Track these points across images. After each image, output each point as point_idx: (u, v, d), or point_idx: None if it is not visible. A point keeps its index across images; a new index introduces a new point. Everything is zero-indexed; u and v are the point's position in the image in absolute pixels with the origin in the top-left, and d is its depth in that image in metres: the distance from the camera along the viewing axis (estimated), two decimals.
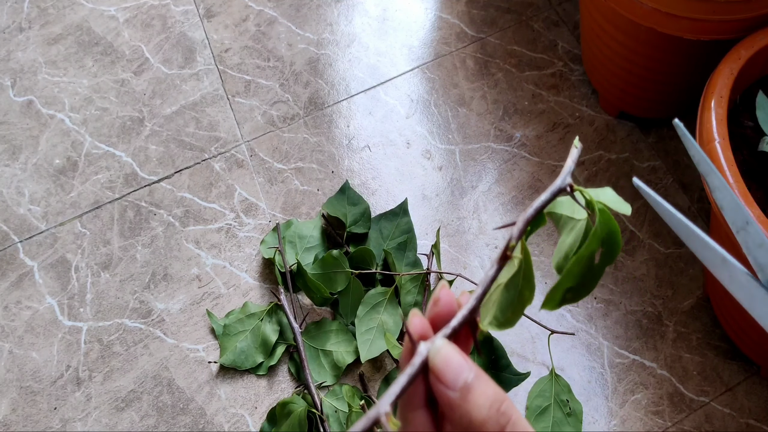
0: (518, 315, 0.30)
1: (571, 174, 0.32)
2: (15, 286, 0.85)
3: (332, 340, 0.79)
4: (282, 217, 0.88)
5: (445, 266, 0.85)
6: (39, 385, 0.79)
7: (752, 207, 0.59)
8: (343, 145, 0.93)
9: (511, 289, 0.31)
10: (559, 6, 1.04)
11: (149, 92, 0.98)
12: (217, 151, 0.93)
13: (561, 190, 0.31)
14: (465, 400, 0.27)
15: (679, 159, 0.91)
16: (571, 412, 0.74)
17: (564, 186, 0.31)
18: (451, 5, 1.05)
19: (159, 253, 0.86)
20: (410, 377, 0.27)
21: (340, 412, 0.74)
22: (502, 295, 0.31)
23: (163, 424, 0.77)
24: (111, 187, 0.91)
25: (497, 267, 0.30)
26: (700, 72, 0.77)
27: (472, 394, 0.27)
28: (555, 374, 0.76)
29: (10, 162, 0.93)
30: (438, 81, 0.98)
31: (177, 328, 0.82)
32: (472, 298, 0.29)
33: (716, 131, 0.64)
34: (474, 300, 0.29)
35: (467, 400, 0.27)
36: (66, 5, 1.05)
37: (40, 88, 0.98)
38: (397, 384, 0.27)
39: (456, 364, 0.27)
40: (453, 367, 0.27)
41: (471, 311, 0.29)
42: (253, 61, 1.00)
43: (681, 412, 0.76)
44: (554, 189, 0.31)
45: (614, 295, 0.83)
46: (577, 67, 0.98)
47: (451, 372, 0.27)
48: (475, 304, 0.29)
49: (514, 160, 0.92)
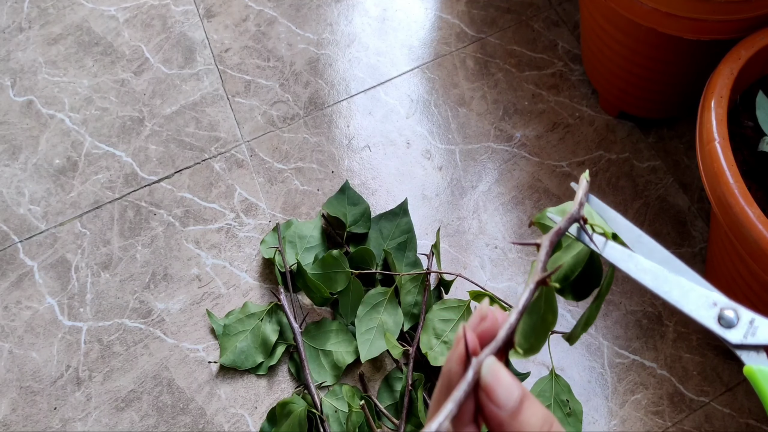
0: (542, 340, 0.31)
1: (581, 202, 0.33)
2: (15, 286, 0.85)
3: (332, 340, 0.79)
4: (282, 217, 0.88)
5: (445, 266, 0.85)
6: (39, 385, 0.79)
7: (752, 207, 0.59)
8: (343, 145, 0.93)
9: (533, 315, 0.31)
10: (559, 6, 1.04)
11: (149, 92, 0.98)
12: (217, 151, 0.93)
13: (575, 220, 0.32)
14: (515, 419, 0.27)
15: (679, 159, 0.91)
16: (571, 412, 0.74)
17: (578, 217, 0.32)
18: (451, 5, 1.05)
19: (159, 253, 0.86)
20: (466, 392, 0.28)
21: (340, 412, 0.74)
22: (524, 321, 0.31)
23: (163, 424, 0.77)
24: (111, 187, 0.91)
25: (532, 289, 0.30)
26: (700, 72, 0.77)
27: (523, 414, 0.27)
28: (555, 374, 0.76)
29: (10, 162, 0.93)
30: (438, 81, 0.98)
31: (177, 328, 0.82)
32: (511, 317, 0.30)
33: (716, 131, 0.64)
34: (514, 320, 0.30)
35: (517, 420, 0.27)
36: (66, 5, 1.05)
37: (40, 88, 0.98)
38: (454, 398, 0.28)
39: (507, 383, 0.28)
40: (504, 386, 0.28)
41: (511, 331, 0.30)
42: (253, 61, 1.00)
43: (681, 412, 0.76)
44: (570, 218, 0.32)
45: (614, 295, 0.83)
46: (577, 67, 0.98)
47: (502, 391, 0.28)
48: (514, 324, 0.30)
49: (514, 160, 0.92)
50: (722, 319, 0.31)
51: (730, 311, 0.31)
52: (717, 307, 0.31)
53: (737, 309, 0.31)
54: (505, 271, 0.85)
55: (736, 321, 0.31)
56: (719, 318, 0.31)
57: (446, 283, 0.81)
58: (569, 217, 0.32)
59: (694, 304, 0.31)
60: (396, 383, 0.77)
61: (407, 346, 0.77)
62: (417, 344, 0.77)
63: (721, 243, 0.69)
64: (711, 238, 0.77)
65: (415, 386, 0.74)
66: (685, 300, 0.31)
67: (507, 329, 0.29)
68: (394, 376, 0.78)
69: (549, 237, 0.31)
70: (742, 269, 0.65)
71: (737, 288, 0.68)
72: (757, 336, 0.30)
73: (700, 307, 0.31)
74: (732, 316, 0.31)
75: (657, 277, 0.32)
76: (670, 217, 0.87)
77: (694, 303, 0.31)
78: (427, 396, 0.75)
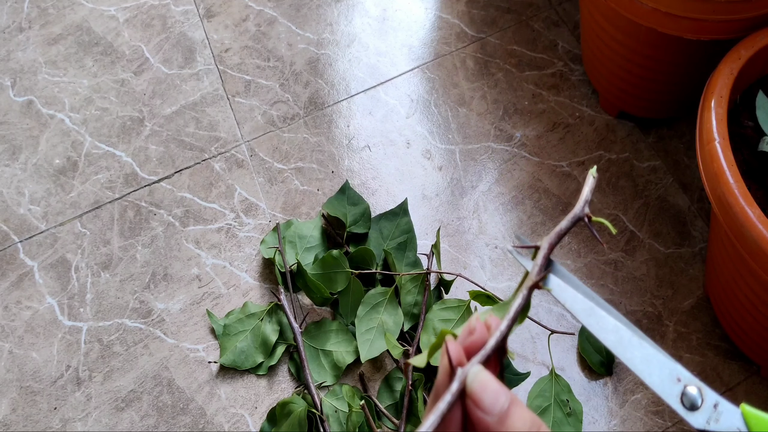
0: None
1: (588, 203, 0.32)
2: (15, 286, 0.85)
3: (332, 340, 0.79)
4: (282, 217, 0.88)
5: (445, 266, 0.85)
6: (39, 385, 0.79)
7: (752, 207, 0.59)
8: (343, 145, 0.93)
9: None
10: (559, 6, 1.04)
11: (149, 92, 0.98)
12: (217, 151, 0.93)
13: (579, 218, 0.31)
14: (503, 425, 0.28)
15: (679, 159, 0.91)
16: (571, 412, 0.74)
17: (582, 215, 0.31)
18: (451, 5, 1.05)
19: (159, 253, 0.86)
20: (449, 403, 0.28)
21: (340, 412, 0.74)
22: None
23: (163, 424, 0.77)
24: (111, 187, 0.91)
25: (526, 294, 0.30)
26: (700, 72, 0.77)
27: (510, 419, 0.28)
28: (555, 374, 0.76)
29: (10, 162, 0.93)
30: (438, 81, 0.98)
31: (177, 328, 0.82)
32: (502, 325, 0.30)
33: (716, 131, 0.64)
34: (505, 326, 0.30)
35: (505, 425, 0.28)
36: (66, 5, 1.05)
37: (40, 88, 0.98)
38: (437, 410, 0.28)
39: (493, 389, 0.28)
40: (490, 393, 0.28)
41: (502, 338, 0.30)
42: (253, 61, 1.00)
43: None
44: (573, 217, 0.31)
45: (614, 295, 0.83)
46: (577, 67, 0.98)
47: (489, 397, 0.28)
48: (505, 331, 0.30)
49: (514, 160, 0.92)
50: (685, 396, 0.29)
51: (693, 388, 0.29)
52: (681, 384, 0.29)
53: (701, 387, 0.29)
54: (505, 271, 0.85)
55: (700, 402, 0.29)
56: (682, 395, 0.29)
57: (446, 283, 0.81)
58: (573, 216, 0.32)
59: (658, 377, 0.30)
60: (396, 383, 0.77)
61: (407, 346, 0.77)
62: (417, 344, 0.77)
63: (721, 243, 0.69)
64: (711, 238, 0.77)
65: (415, 386, 0.74)
66: (648, 371, 0.30)
67: (497, 337, 0.30)
68: (394, 376, 0.78)
69: (549, 239, 0.31)
70: (742, 269, 0.65)
71: (737, 288, 0.68)
72: (721, 423, 0.29)
73: (663, 381, 0.29)
74: (695, 393, 0.29)
75: (621, 339, 0.30)
76: (670, 217, 0.87)
77: (658, 376, 0.30)
78: (427, 396, 0.75)
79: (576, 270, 0.84)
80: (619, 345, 0.30)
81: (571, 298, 0.31)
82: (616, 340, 0.30)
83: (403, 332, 0.79)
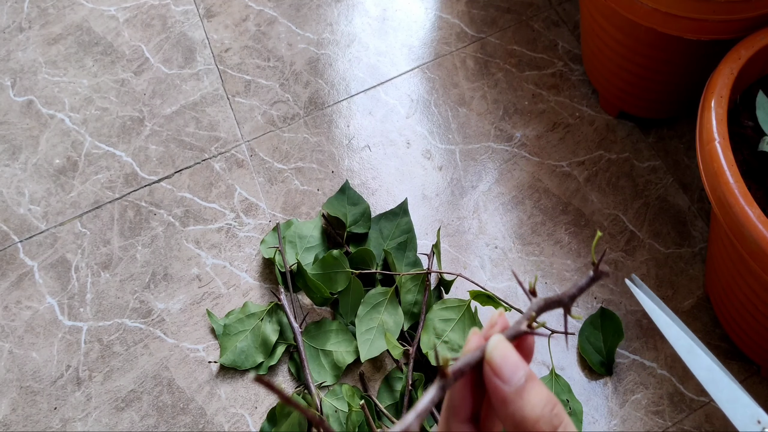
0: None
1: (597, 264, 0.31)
2: (15, 286, 0.85)
3: (332, 340, 0.79)
4: (282, 217, 0.88)
5: (445, 266, 0.85)
6: (39, 385, 0.79)
7: (752, 207, 0.59)
8: (343, 145, 0.93)
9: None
10: (559, 6, 1.04)
11: (149, 92, 0.98)
12: (217, 151, 0.93)
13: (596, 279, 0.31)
14: (520, 396, 0.27)
15: (679, 159, 0.91)
16: (571, 412, 0.74)
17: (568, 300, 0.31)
18: (451, 5, 1.05)
19: (159, 253, 0.86)
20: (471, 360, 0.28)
21: (340, 412, 0.74)
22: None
23: (163, 424, 0.77)
24: (111, 187, 0.91)
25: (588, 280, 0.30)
26: (700, 72, 0.77)
27: (528, 392, 0.28)
28: (555, 374, 0.76)
29: (10, 162, 0.93)
30: (438, 81, 0.98)
31: (177, 328, 0.82)
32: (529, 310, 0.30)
33: (716, 131, 0.64)
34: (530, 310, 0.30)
35: (522, 397, 0.27)
36: (66, 5, 1.05)
37: (40, 88, 0.98)
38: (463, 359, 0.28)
39: (513, 360, 0.28)
40: (510, 363, 0.28)
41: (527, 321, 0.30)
42: (253, 61, 1.00)
43: (681, 412, 0.76)
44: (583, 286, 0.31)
45: (614, 295, 0.83)
46: (577, 67, 0.98)
47: (509, 367, 0.28)
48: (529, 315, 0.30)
49: (515, 160, 0.92)
50: None
51: None
52: (760, 426, 0.32)
53: None
54: (505, 271, 0.85)
55: None
56: None
57: (446, 282, 0.81)
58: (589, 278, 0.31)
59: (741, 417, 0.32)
60: (396, 383, 0.77)
61: (407, 346, 0.77)
62: (417, 344, 0.77)
63: (721, 243, 0.69)
64: (711, 238, 0.77)
65: (415, 386, 0.74)
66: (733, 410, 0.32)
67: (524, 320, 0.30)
68: (394, 376, 0.78)
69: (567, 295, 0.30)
70: (742, 269, 0.65)
71: (737, 288, 0.68)
72: None
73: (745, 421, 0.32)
74: None
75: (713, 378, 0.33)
76: (670, 217, 0.88)
77: (741, 415, 0.32)
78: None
79: (576, 270, 0.85)
80: (711, 383, 0.33)
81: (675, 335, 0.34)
82: (708, 378, 0.33)
83: (404, 332, 0.79)
